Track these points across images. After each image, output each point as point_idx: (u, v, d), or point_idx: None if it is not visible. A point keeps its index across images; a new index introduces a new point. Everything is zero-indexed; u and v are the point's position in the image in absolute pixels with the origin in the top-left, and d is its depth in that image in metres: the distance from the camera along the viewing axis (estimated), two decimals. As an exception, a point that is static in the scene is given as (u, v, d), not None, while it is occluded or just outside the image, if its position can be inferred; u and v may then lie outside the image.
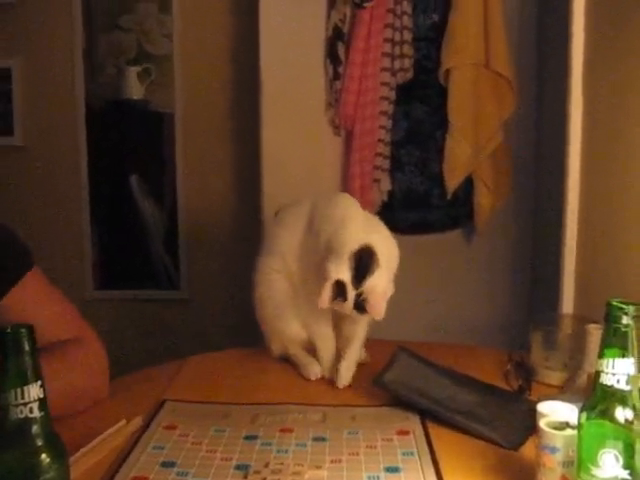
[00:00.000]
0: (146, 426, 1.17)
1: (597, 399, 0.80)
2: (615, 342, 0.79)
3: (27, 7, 2.59)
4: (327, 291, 1.28)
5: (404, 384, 1.27)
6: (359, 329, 1.42)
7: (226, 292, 2.69)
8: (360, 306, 1.29)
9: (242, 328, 2.55)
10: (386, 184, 2.24)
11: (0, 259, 1.20)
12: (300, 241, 1.44)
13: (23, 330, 0.72)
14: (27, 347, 0.72)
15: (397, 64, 2.20)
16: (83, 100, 2.64)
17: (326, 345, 1.43)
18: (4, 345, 0.72)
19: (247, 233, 2.57)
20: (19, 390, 0.71)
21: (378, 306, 1.28)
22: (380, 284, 1.29)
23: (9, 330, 0.72)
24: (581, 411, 0.82)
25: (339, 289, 1.28)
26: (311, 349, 1.46)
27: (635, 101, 1.54)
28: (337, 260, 1.29)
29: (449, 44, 2.17)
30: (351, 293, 1.28)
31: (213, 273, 2.70)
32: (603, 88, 1.69)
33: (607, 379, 0.79)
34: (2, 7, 2.57)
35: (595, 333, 1.22)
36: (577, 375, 1.28)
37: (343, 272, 1.28)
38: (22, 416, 0.72)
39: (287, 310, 1.45)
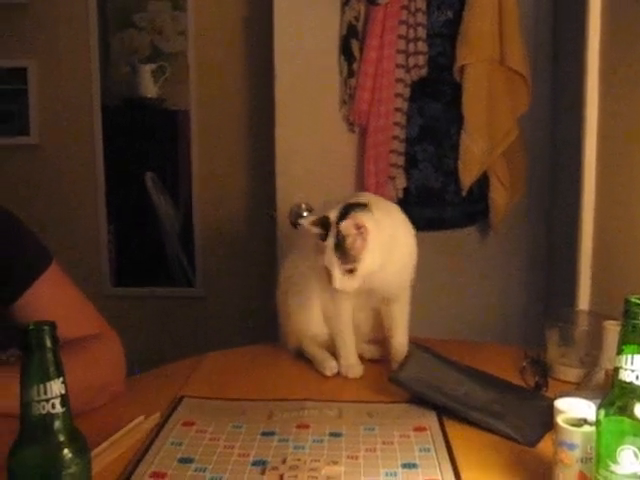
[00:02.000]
0: (164, 422, 1.18)
1: (615, 395, 0.80)
2: (633, 338, 0.78)
3: (42, 7, 2.61)
4: (312, 218, 1.33)
5: (420, 380, 1.27)
6: (400, 311, 1.46)
7: (241, 289, 2.70)
8: (339, 244, 1.29)
9: (257, 325, 2.57)
10: (401, 181, 2.23)
11: (19, 256, 1.21)
12: None
13: (46, 327, 0.73)
14: (49, 343, 0.73)
15: (411, 61, 2.19)
16: (99, 99, 2.65)
17: (345, 342, 1.44)
18: (27, 341, 0.72)
19: (262, 231, 2.58)
20: (41, 386, 0.72)
21: (353, 234, 1.28)
22: (360, 218, 1.30)
23: (32, 327, 0.73)
24: (599, 407, 0.82)
25: (324, 226, 1.31)
26: (328, 346, 1.47)
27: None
28: (334, 207, 1.33)
29: (463, 41, 2.16)
30: (333, 230, 1.30)
31: (228, 270, 2.71)
32: (619, 83, 1.68)
33: (626, 375, 0.79)
34: (17, 7, 2.59)
35: (612, 329, 1.22)
36: (594, 372, 1.27)
37: (331, 212, 1.31)
38: (44, 412, 0.72)
39: (311, 308, 1.47)
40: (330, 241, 1.30)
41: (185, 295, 2.76)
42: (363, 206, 1.33)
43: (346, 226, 1.28)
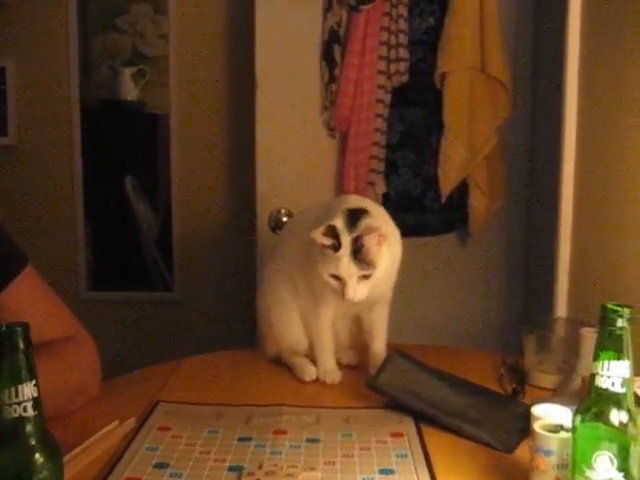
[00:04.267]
0: (139, 427, 1.17)
1: (592, 402, 0.80)
2: (610, 345, 0.79)
3: (22, 7, 2.58)
4: (321, 229, 1.28)
5: (398, 386, 1.27)
6: (379, 316, 1.46)
7: (219, 294, 2.69)
8: (357, 251, 1.28)
9: (235, 329, 2.56)
10: (381, 187, 2.23)
11: None
12: (302, 245, 1.45)
13: (18, 329, 0.72)
14: (22, 345, 0.72)
15: (393, 67, 2.20)
16: (78, 101, 2.63)
17: (324, 348, 1.44)
18: (-2, 343, 0.71)
19: (241, 235, 2.57)
20: (13, 389, 0.71)
21: (374, 242, 1.28)
22: (374, 224, 1.30)
23: (4, 328, 0.72)
24: (576, 414, 0.83)
25: (332, 235, 1.28)
26: (307, 355, 1.47)
27: (631, 106, 1.54)
28: (332, 216, 1.31)
29: (445, 48, 2.17)
30: (346, 239, 1.28)
31: (206, 275, 2.70)
32: (598, 93, 1.70)
33: (602, 382, 0.79)
34: (-3, 6, 2.56)
35: (589, 336, 1.23)
36: (571, 378, 1.28)
37: (336, 221, 1.29)
38: (16, 415, 0.71)
39: (292, 318, 1.46)
40: (345, 250, 1.28)
41: (163, 300, 2.73)
42: (364, 211, 1.32)
43: (370, 236, 1.28)
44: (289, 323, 1.48)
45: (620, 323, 0.78)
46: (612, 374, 0.78)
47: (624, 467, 0.78)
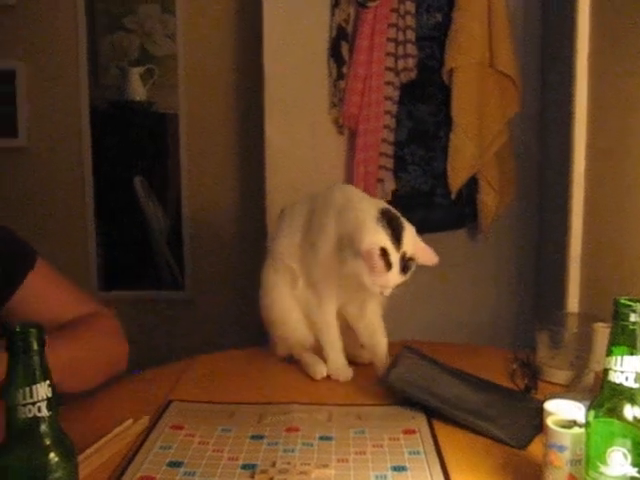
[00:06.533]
0: (152, 426, 1.18)
1: (605, 397, 0.80)
2: (623, 340, 0.79)
3: (31, 9, 2.60)
4: (379, 261, 1.26)
5: (410, 383, 1.27)
6: (375, 311, 1.45)
7: (230, 292, 2.69)
8: (405, 267, 1.29)
9: (246, 328, 2.56)
10: (390, 184, 2.23)
11: (8, 252, 1.22)
12: (300, 240, 1.44)
13: (32, 329, 0.72)
14: (36, 346, 0.72)
15: (401, 63, 2.20)
16: (87, 101, 2.64)
17: (333, 345, 1.43)
18: (13, 344, 0.72)
19: (251, 233, 2.58)
20: (27, 389, 0.71)
21: (430, 252, 1.31)
22: (414, 236, 1.31)
23: (18, 329, 0.72)
24: (589, 409, 0.82)
25: (385, 256, 1.27)
26: (317, 350, 1.47)
27: (640, 99, 1.54)
28: (367, 230, 1.28)
29: (453, 43, 2.16)
30: (395, 257, 1.28)
31: (217, 273, 2.71)
32: (608, 87, 1.69)
33: (615, 377, 0.79)
34: (6, 9, 2.57)
35: (601, 331, 1.22)
36: (583, 374, 1.27)
37: (382, 239, 1.27)
38: (30, 415, 0.72)
39: (293, 315, 1.46)
40: (396, 267, 1.28)
41: (174, 298, 2.74)
42: (395, 214, 1.33)
43: (418, 255, 1.30)
44: (292, 319, 1.47)
45: (633, 318, 0.78)
46: (625, 369, 0.78)
47: (638, 463, 0.78)
